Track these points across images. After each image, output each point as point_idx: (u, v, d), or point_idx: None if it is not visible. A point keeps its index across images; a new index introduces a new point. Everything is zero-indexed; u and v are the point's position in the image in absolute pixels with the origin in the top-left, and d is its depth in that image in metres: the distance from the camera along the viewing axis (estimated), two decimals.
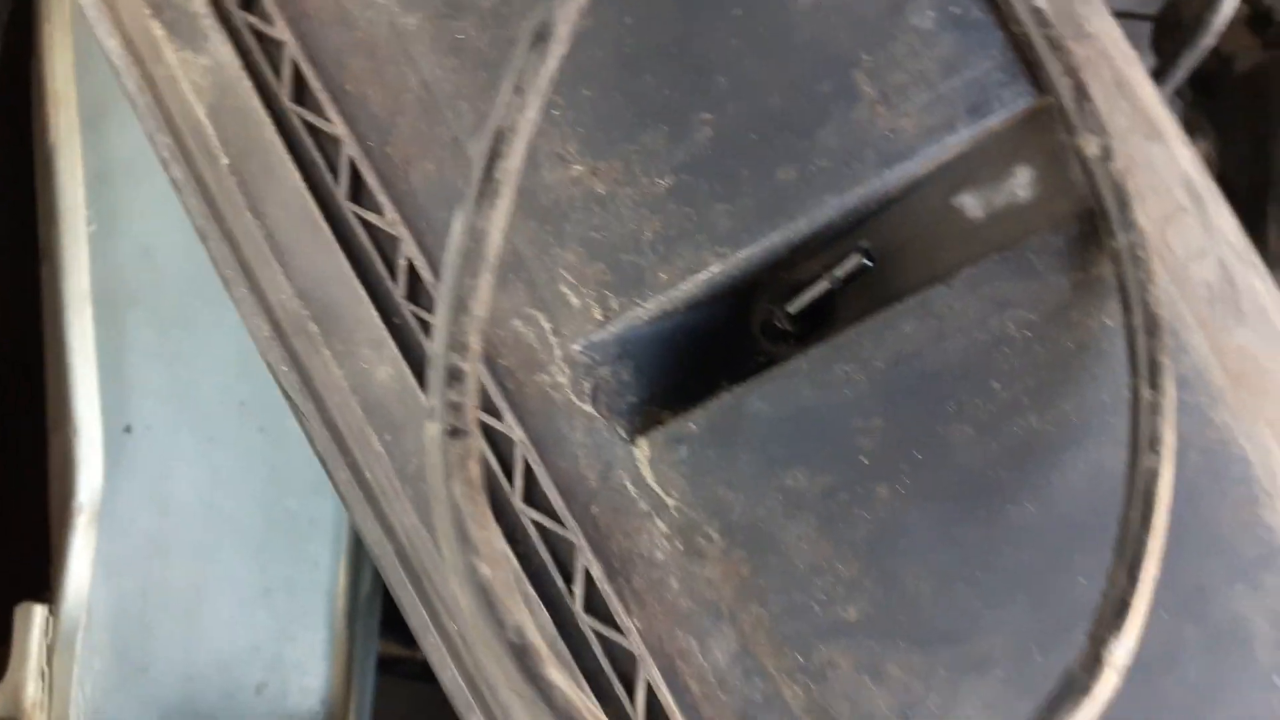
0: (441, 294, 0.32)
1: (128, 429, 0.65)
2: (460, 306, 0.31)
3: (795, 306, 0.42)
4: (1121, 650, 0.33)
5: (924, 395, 0.40)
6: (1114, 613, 0.33)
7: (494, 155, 0.32)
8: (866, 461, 0.40)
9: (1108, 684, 0.32)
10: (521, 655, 0.29)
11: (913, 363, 0.40)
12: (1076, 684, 0.32)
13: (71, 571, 0.64)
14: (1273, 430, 0.40)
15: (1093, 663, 0.32)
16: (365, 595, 0.72)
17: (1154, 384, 0.36)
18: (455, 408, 0.31)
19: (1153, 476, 0.35)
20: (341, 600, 0.70)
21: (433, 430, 0.31)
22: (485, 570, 0.30)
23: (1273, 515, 0.39)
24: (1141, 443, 0.35)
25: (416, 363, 0.41)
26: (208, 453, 0.68)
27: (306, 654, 0.69)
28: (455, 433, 0.31)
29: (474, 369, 0.31)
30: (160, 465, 0.67)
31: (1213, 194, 0.43)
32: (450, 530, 0.30)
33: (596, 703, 0.38)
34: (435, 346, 0.31)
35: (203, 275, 0.53)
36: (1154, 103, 0.43)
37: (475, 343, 0.31)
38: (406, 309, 0.41)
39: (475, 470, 0.31)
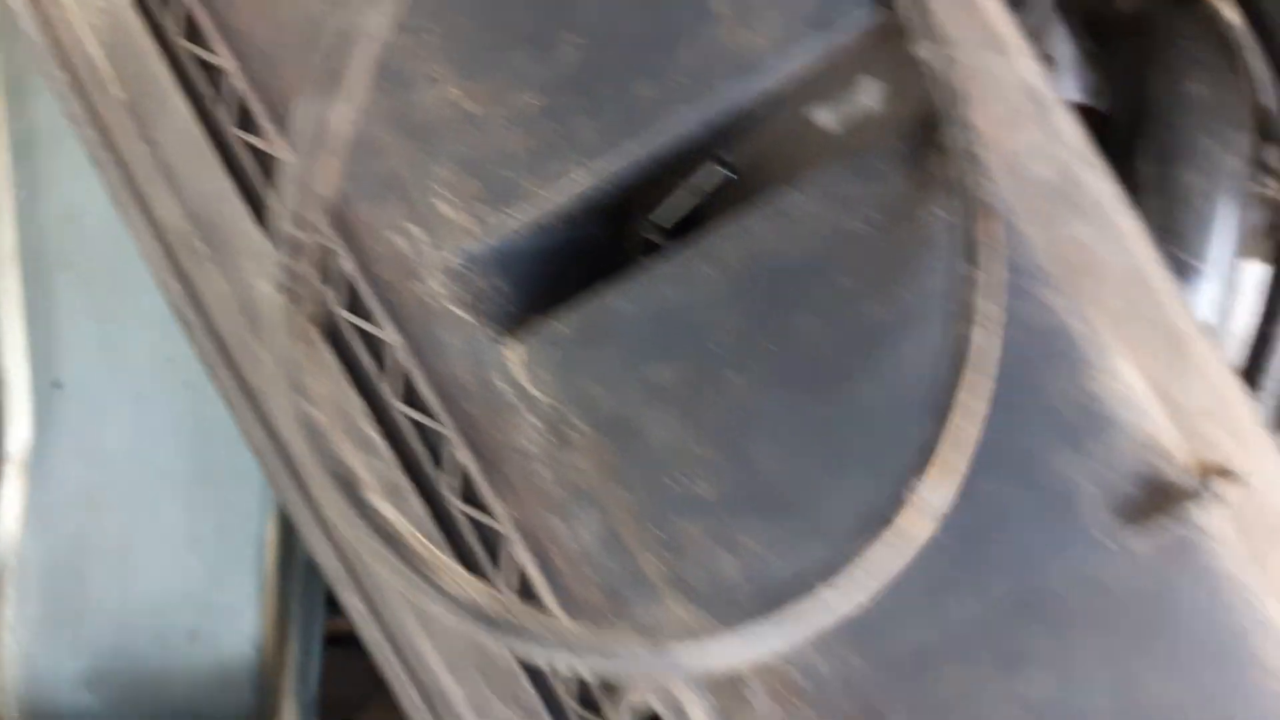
0: (287, 174, 0.34)
1: (57, 384, 0.68)
2: (303, 186, 0.34)
3: (659, 218, 0.45)
4: (926, 491, 0.35)
5: (775, 291, 0.42)
6: (920, 457, 0.35)
7: (337, 50, 0.35)
8: (722, 353, 0.42)
9: (912, 521, 0.35)
10: (348, 486, 0.31)
11: (765, 261, 0.42)
12: (880, 518, 0.34)
13: (1, 521, 0.66)
14: (1103, 312, 0.42)
15: (896, 502, 0.35)
16: (300, 544, 0.73)
17: (972, 260, 0.38)
18: (296, 276, 0.33)
19: (964, 340, 0.37)
20: (272, 548, 0.72)
21: (274, 293, 0.33)
22: (315, 413, 0.32)
23: (1098, 386, 0.41)
24: (959, 312, 0.37)
25: None
26: (137, 407, 0.70)
27: (238, 600, 0.71)
28: (295, 297, 0.33)
29: (314, 242, 0.34)
30: (90, 419, 0.69)
31: (1055, 103, 0.46)
32: (285, 381, 0.32)
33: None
34: (279, 221, 0.34)
35: (129, 238, 0.55)
36: (998, 18, 0.46)
37: (316, 218, 0.34)
38: None
39: (311, 331, 0.33)
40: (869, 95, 0.44)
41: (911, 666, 0.41)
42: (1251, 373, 0.64)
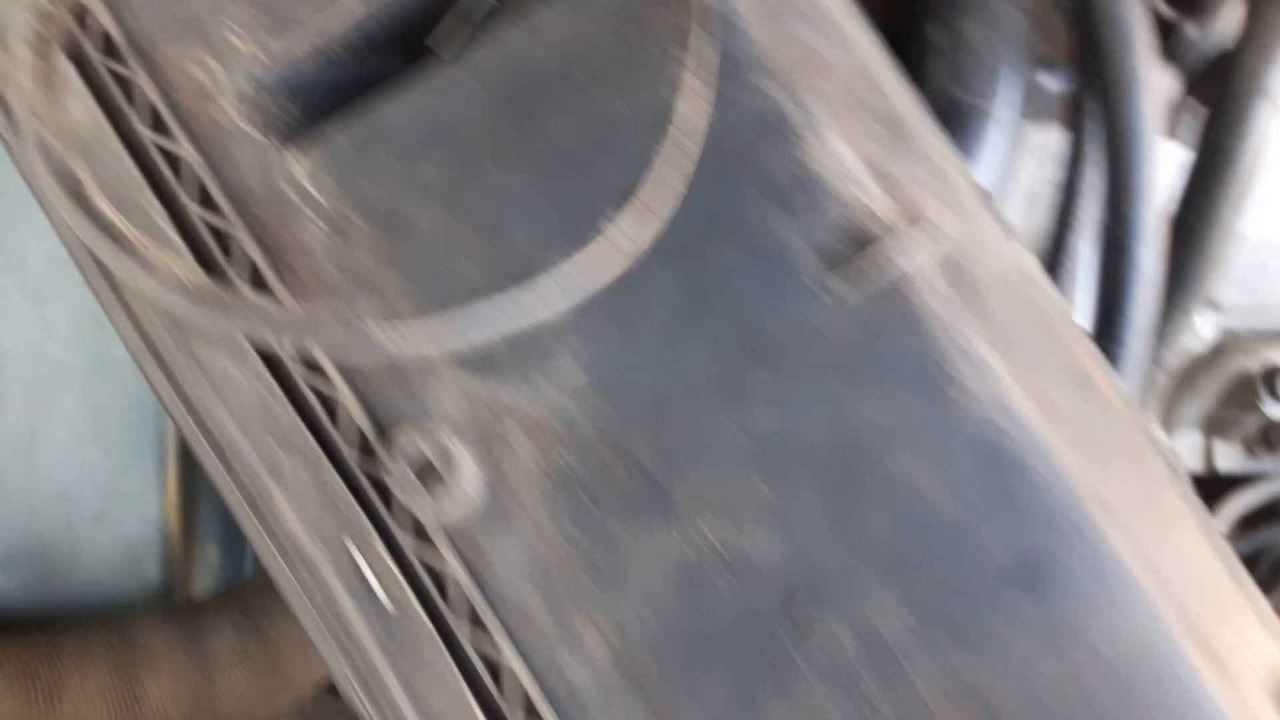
0: None
1: None
2: None
3: (434, 43, 0.51)
4: (622, 224, 0.41)
5: (529, 95, 0.48)
6: (618, 200, 0.41)
7: None
8: (480, 150, 0.48)
9: (604, 249, 0.40)
10: (75, 194, 0.36)
11: (520, 69, 0.48)
12: (589, 238, 0.40)
13: None
14: (820, 98, 0.48)
15: (597, 232, 0.40)
16: None
17: (683, 45, 0.44)
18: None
19: (667, 107, 0.43)
20: (172, 435, 0.78)
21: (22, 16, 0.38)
22: (47, 135, 0.37)
23: (804, 153, 0.47)
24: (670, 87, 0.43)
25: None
26: (37, 306, 0.76)
27: (139, 485, 0.77)
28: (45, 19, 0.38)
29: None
30: None
31: None
32: (24, 96, 0.38)
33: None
34: None
35: None
36: None
37: None
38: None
39: (58, 61, 0.39)
40: None
41: (652, 409, 0.46)
42: (1055, 247, 0.70)
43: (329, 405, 0.48)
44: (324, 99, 0.51)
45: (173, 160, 0.50)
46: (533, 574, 0.47)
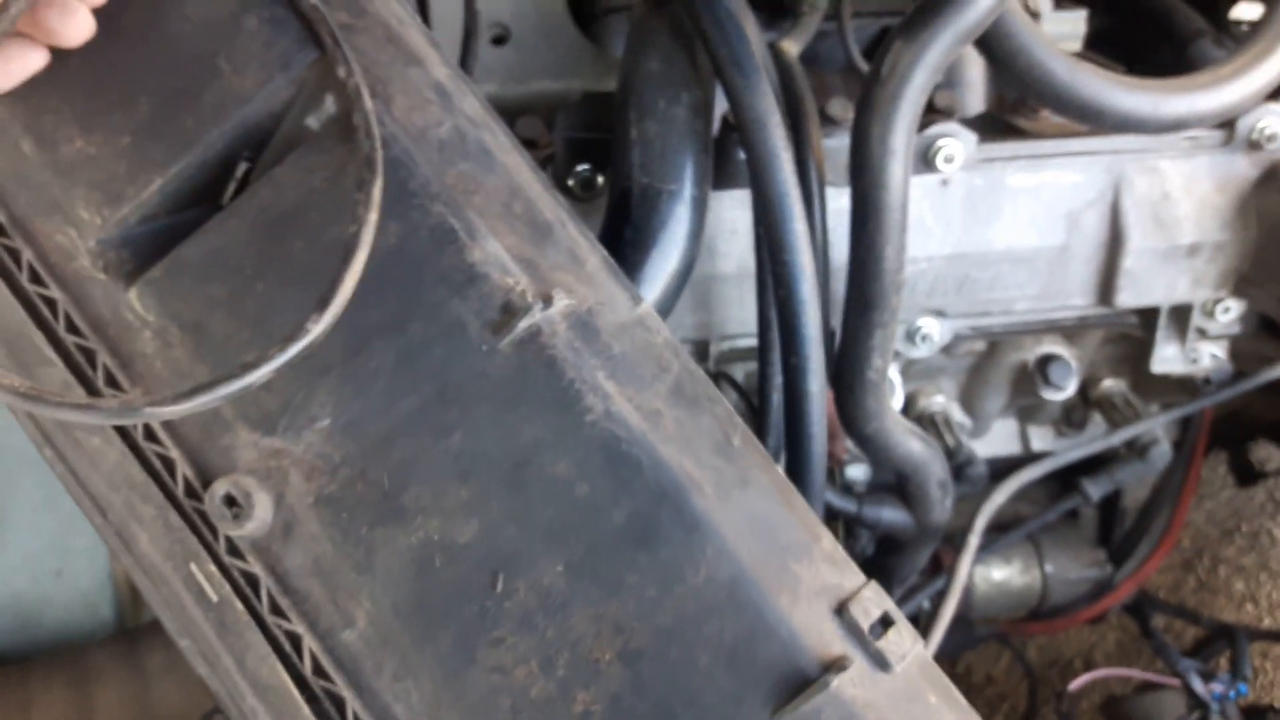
0: None
1: None
2: None
3: (225, 197, 0.70)
4: (317, 323, 0.59)
5: (275, 228, 0.66)
6: (319, 305, 0.59)
7: None
8: (249, 270, 0.67)
9: (308, 334, 0.59)
10: None
11: (269, 210, 0.67)
12: (289, 335, 0.58)
13: None
14: (480, 213, 0.67)
15: (298, 329, 0.59)
16: None
17: (360, 186, 0.63)
18: None
19: (353, 236, 0.61)
20: None
21: None
22: None
23: (467, 252, 0.64)
24: (357, 213, 0.61)
25: None
26: None
27: (90, 541, 0.97)
28: None
29: None
30: None
31: (461, 92, 0.71)
32: None
33: None
34: None
35: None
36: (420, 44, 0.71)
37: None
38: None
39: None
40: (329, 103, 0.69)
41: (383, 443, 0.64)
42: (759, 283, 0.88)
43: (168, 465, 0.67)
44: (150, 245, 0.69)
45: (49, 303, 0.69)
46: (313, 570, 0.65)
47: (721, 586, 0.61)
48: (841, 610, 0.62)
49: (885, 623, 0.62)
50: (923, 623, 1.38)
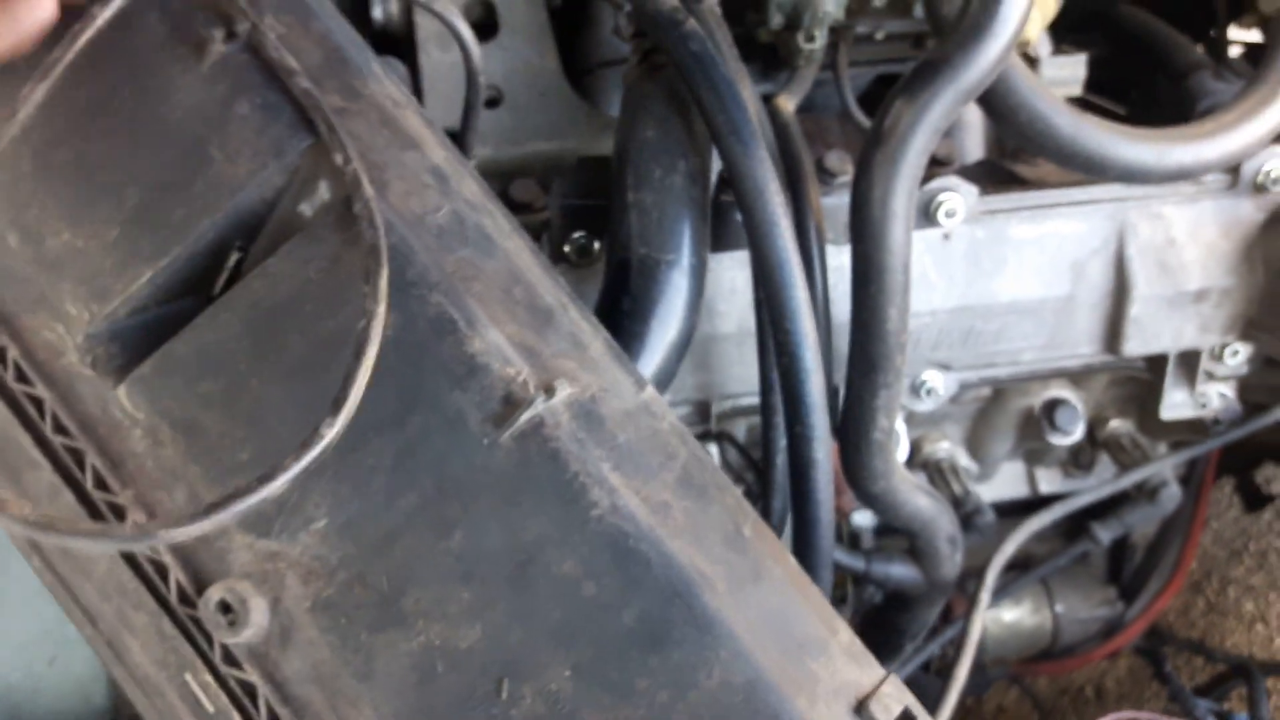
0: None
1: None
2: None
3: (216, 288, 0.68)
4: (331, 426, 0.57)
5: (269, 322, 0.64)
6: (333, 404, 0.57)
7: None
8: (243, 366, 0.64)
9: (323, 439, 0.56)
10: None
11: (263, 303, 0.65)
12: (306, 440, 0.56)
13: None
14: (480, 301, 0.64)
15: (313, 434, 0.56)
16: None
17: (367, 278, 0.60)
18: None
19: (363, 330, 0.59)
20: None
21: None
22: None
23: (473, 348, 0.62)
24: (365, 306, 0.59)
25: None
26: None
27: None
28: None
29: None
30: None
31: (459, 175, 0.69)
32: None
33: None
34: None
35: None
36: (416, 127, 0.69)
37: None
38: None
39: None
40: (323, 190, 0.67)
41: (383, 543, 0.62)
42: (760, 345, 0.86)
43: (161, 571, 0.64)
44: (140, 339, 0.67)
45: (36, 402, 0.67)
46: (312, 676, 0.62)
47: (737, 690, 0.59)
48: (861, 709, 0.60)
49: (907, 718, 0.60)
50: (934, 669, 1.35)
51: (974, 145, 1.18)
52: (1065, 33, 1.16)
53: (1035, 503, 1.26)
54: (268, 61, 0.66)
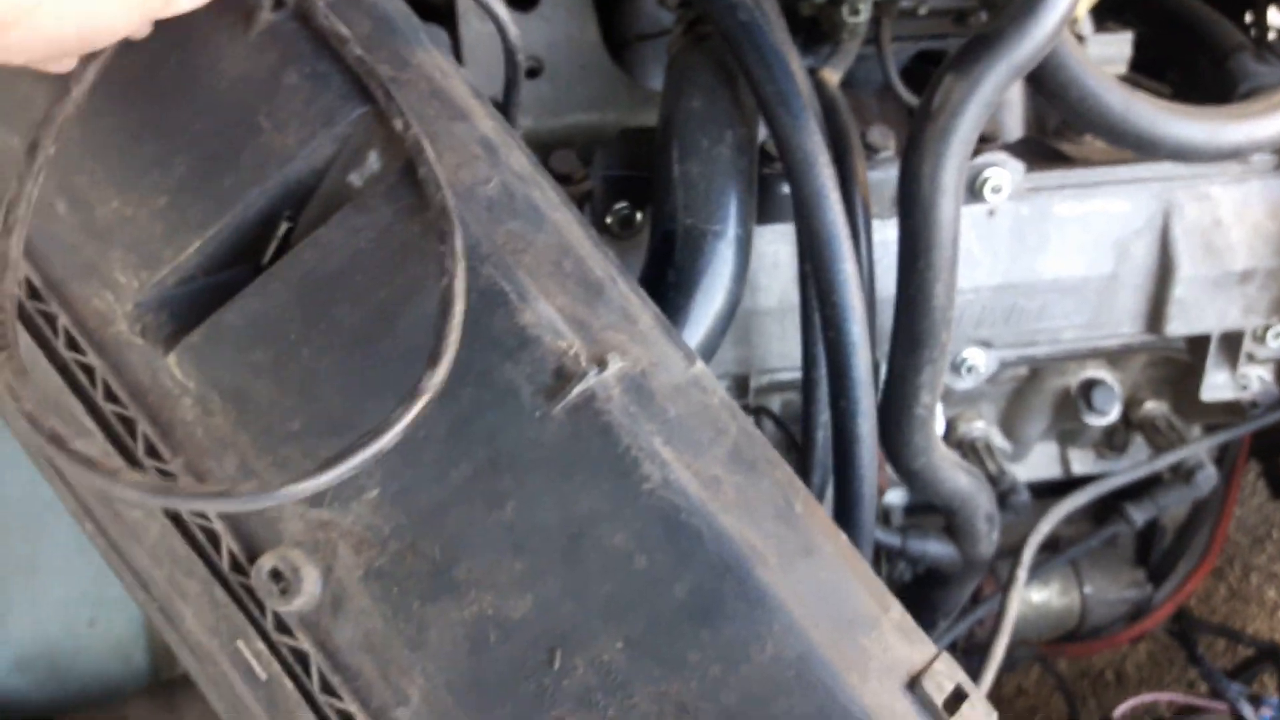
0: None
1: None
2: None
3: (266, 257, 0.67)
4: (432, 379, 0.56)
5: (322, 292, 0.64)
6: (430, 359, 0.56)
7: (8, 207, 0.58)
8: (294, 336, 0.64)
9: (425, 394, 0.56)
10: (55, 439, 0.53)
11: (312, 273, 0.64)
12: (409, 393, 0.55)
13: None
14: (530, 273, 0.64)
15: (415, 388, 0.56)
16: None
17: (443, 241, 0.60)
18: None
19: (448, 288, 0.58)
20: None
21: None
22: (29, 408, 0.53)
23: (524, 318, 0.62)
24: (442, 273, 0.58)
25: None
26: (29, 461, 0.94)
27: (123, 591, 0.94)
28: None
29: (11, 309, 0.56)
30: None
31: (508, 146, 0.68)
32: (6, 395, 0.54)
33: None
34: None
35: None
36: (464, 97, 0.68)
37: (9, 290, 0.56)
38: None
39: (16, 364, 0.55)
40: (373, 160, 0.67)
41: (434, 514, 0.62)
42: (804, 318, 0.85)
43: (213, 539, 0.64)
44: (189, 308, 0.67)
45: (87, 369, 0.66)
46: (364, 645, 0.62)
47: (789, 665, 0.58)
48: (914, 685, 0.59)
49: (959, 696, 0.60)
50: (960, 648, 1.35)
51: (1015, 123, 1.17)
52: (1104, 12, 1.14)
53: (1067, 483, 1.25)
54: (318, 30, 0.65)
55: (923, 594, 1.18)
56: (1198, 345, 1.11)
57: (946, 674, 0.60)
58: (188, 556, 0.64)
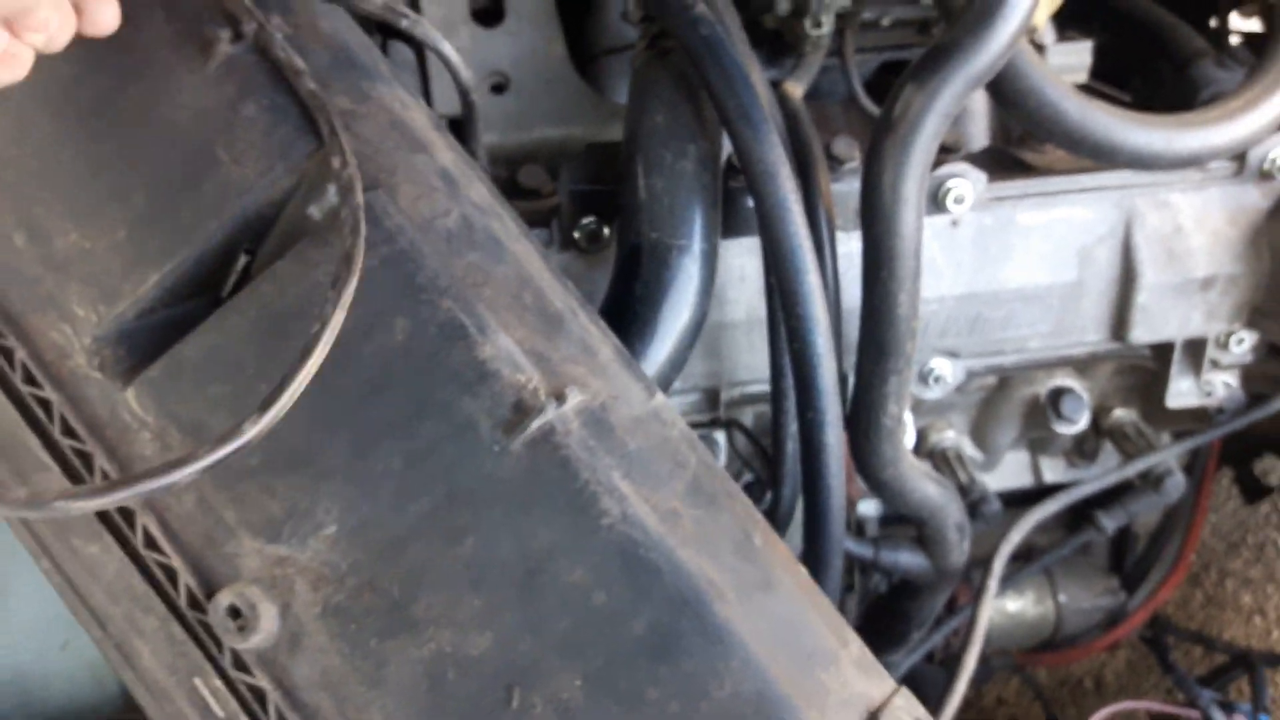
0: None
1: None
2: None
3: (225, 289, 0.67)
4: (255, 424, 0.55)
5: (278, 325, 0.63)
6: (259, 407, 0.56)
7: None
8: (251, 369, 0.63)
9: (242, 436, 0.55)
10: None
11: (271, 306, 0.63)
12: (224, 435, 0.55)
13: None
14: (490, 306, 0.63)
15: (234, 429, 0.55)
16: None
17: (334, 285, 0.58)
18: None
19: (314, 337, 0.57)
20: None
21: None
22: None
23: (483, 353, 0.61)
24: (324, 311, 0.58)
25: None
26: None
27: None
28: None
29: None
30: None
31: (468, 178, 0.67)
32: None
33: None
34: None
35: None
36: (424, 129, 0.68)
37: None
38: None
39: None
40: (331, 194, 0.66)
41: (392, 549, 0.61)
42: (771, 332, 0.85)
43: (170, 574, 0.64)
44: (148, 341, 0.66)
45: (44, 404, 0.66)
46: (321, 683, 0.62)
47: (747, 701, 0.58)
48: None
49: None
50: (936, 659, 1.35)
51: (979, 133, 1.17)
52: (1066, 20, 1.14)
53: (1038, 492, 1.25)
54: (275, 62, 0.64)
55: (895, 605, 1.18)
56: (1162, 352, 1.12)
57: (906, 709, 0.60)
58: (145, 593, 0.63)
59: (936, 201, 0.96)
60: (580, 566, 0.59)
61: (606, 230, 0.95)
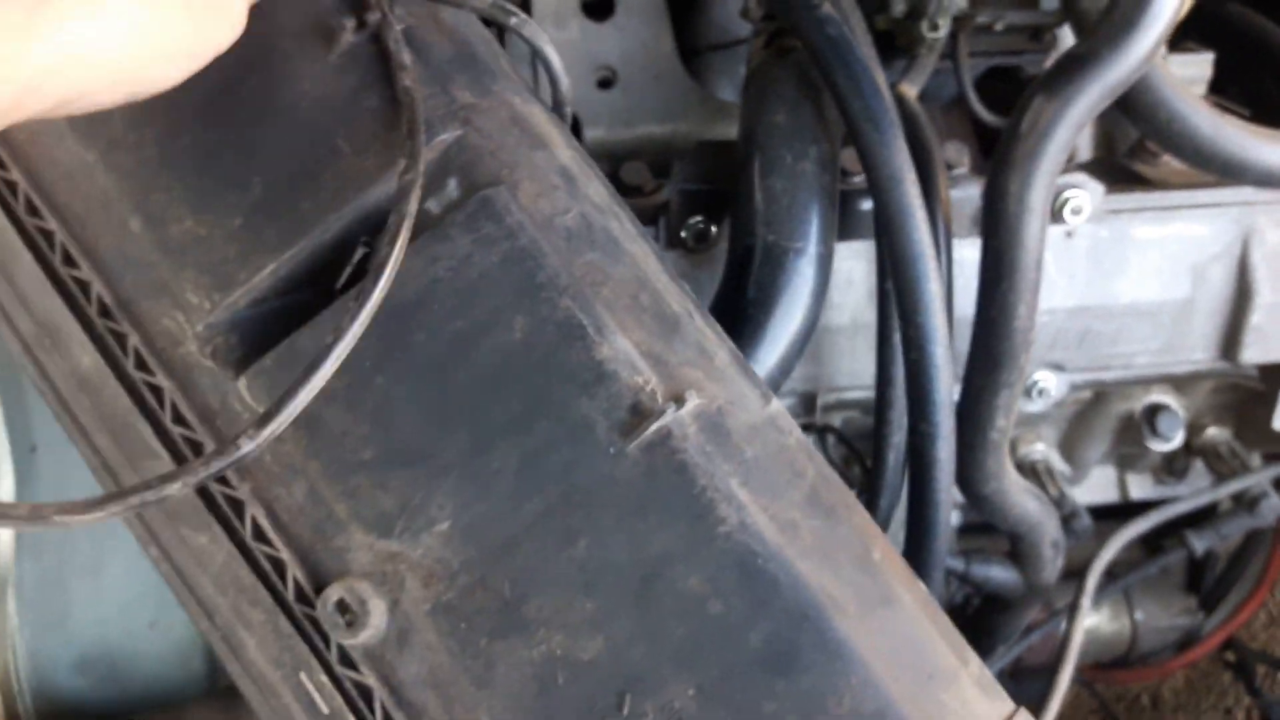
0: None
1: (33, 449, 0.91)
2: None
3: (340, 282, 0.66)
4: (253, 440, 0.54)
5: (395, 319, 0.62)
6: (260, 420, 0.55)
7: None
8: (369, 364, 0.62)
9: (238, 451, 0.54)
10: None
11: (389, 300, 0.62)
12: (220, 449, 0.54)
13: (1, 551, 0.90)
14: (608, 306, 0.62)
15: (230, 444, 0.54)
16: None
17: (359, 298, 0.56)
18: None
19: (326, 348, 0.56)
20: None
21: None
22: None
23: (601, 354, 0.60)
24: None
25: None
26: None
27: None
28: None
29: None
30: (61, 473, 0.92)
31: (587, 176, 0.66)
32: None
33: None
34: None
35: None
36: (544, 125, 0.66)
37: None
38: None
39: None
40: (451, 187, 0.65)
41: (505, 548, 0.60)
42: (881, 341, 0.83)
43: (278, 567, 0.63)
44: (260, 331, 0.65)
45: (156, 390, 0.65)
46: (429, 681, 0.61)
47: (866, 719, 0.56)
48: None
49: None
50: (1009, 672, 1.32)
51: (1084, 143, 1.13)
52: (1176, 31, 1.10)
53: (1124, 508, 1.22)
54: (384, 52, 0.63)
55: (983, 619, 1.15)
56: (1271, 373, 1.07)
57: None
58: (253, 585, 0.62)
59: (1054, 212, 0.94)
60: (696, 574, 0.58)
61: (714, 230, 0.93)
